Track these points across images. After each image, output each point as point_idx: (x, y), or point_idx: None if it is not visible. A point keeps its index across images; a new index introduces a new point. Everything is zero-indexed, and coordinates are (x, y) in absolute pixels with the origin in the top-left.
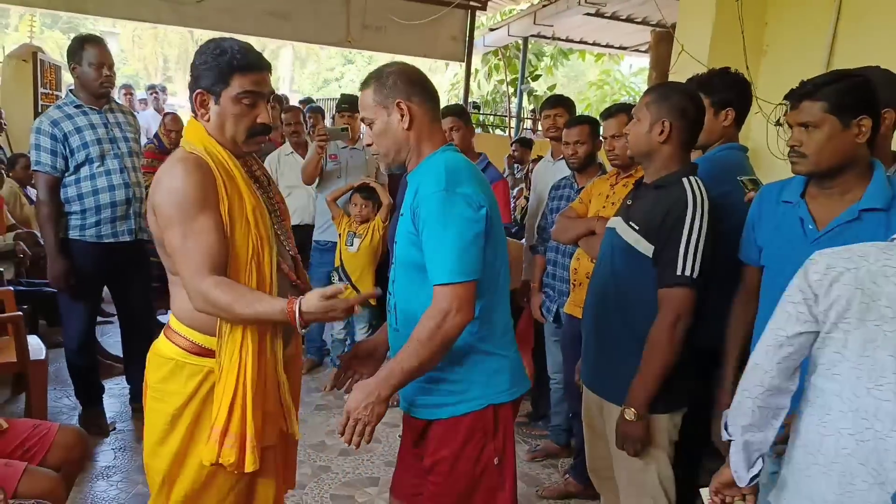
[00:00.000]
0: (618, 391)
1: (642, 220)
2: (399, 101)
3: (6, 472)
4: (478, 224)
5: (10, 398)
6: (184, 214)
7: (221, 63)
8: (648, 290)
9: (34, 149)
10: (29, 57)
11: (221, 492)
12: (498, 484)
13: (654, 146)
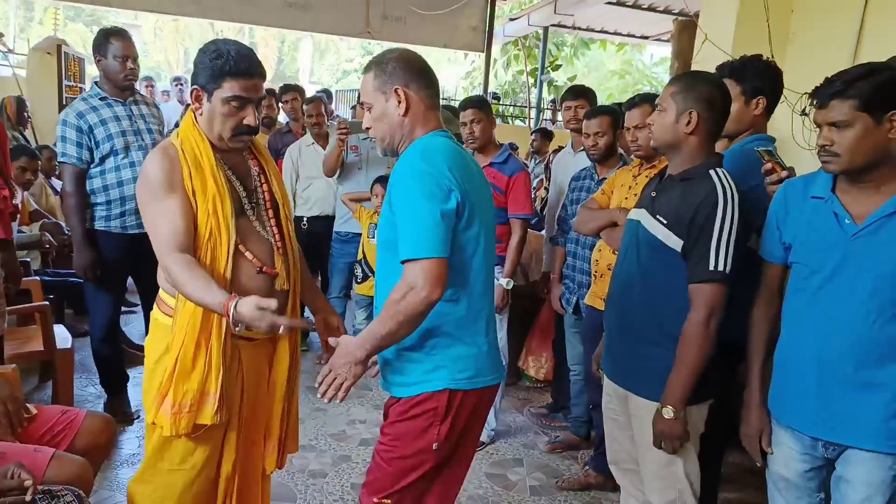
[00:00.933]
0: (643, 384)
1: (670, 214)
2: (397, 88)
3: (35, 458)
4: (446, 205)
5: (38, 386)
6: (152, 196)
7: (216, 66)
8: (675, 283)
9: (60, 140)
10: (53, 50)
11: (181, 453)
12: (424, 467)
13: (681, 137)
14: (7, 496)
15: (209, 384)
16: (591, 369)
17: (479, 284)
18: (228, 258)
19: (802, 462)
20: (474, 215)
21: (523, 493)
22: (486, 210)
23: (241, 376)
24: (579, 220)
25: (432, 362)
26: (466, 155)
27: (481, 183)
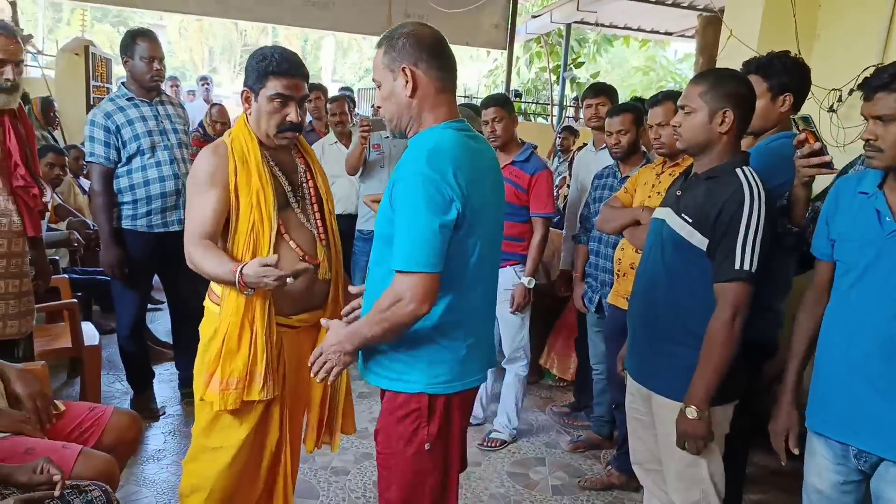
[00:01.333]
0: (667, 383)
1: (695, 212)
2: (404, 66)
3: (63, 454)
4: (445, 216)
5: (66, 382)
6: (195, 189)
7: (261, 67)
8: (700, 282)
9: (88, 140)
10: (81, 50)
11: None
12: (429, 469)
13: (715, 137)
14: (36, 490)
15: (255, 364)
16: (616, 369)
17: (468, 290)
18: (270, 248)
19: (836, 473)
20: (473, 224)
21: (545, 493)
22: (491, 212)
23: (283, 361)
24: (602, 219)
25: (409, 362)
26: (477, 148)
27: (490, 181)
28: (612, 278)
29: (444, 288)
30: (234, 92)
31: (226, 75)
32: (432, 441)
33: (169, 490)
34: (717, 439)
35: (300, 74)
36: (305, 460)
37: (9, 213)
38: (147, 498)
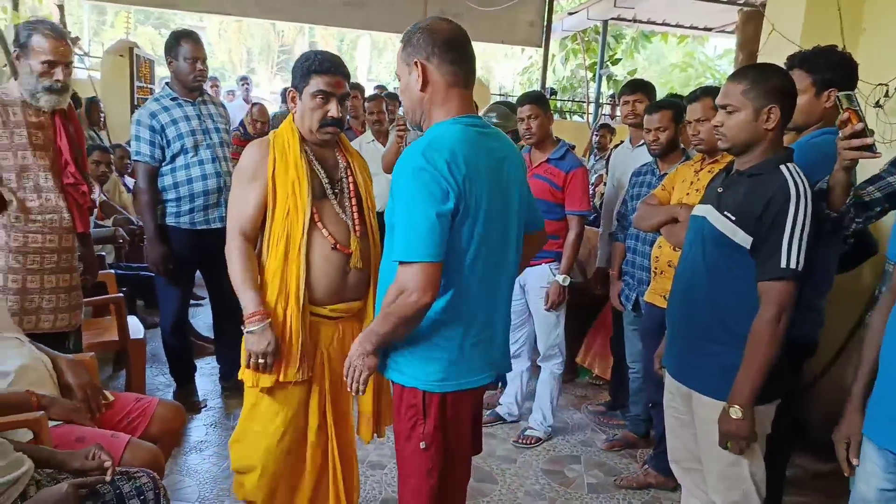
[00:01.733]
0: (708, 382)
1: (738, 210)
2: (417, 60)
3: (112, 443)
4: (443, 206)
5: (112, 375)
6: (238, 182)
7: (305, 66)
8: (742, 280)
9: (134, 140)
10: (126, 52)
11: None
12: (426, 469)
13: (761, 134)
14: (89, 476)
15: (291, 346)
16: (653, 367)
17: (466, 287)
18: (304, 234)
19: (884, 480)
20: (468, 218)
21: (581, 490)
22: (498, 208)
23: (320, 350)
24: (639, 216)
25: (407, 356)
26: (487, 143)
27: (498, 176)
28: (649, 276)
29: (457, 284)
30: (271, 92)
31: (263, 75)
32: (427, 440)
33: (211, 480)
34: (759, 439)
35: (340, 73)
36: None
37: (59, 209)
38: (190, 487)
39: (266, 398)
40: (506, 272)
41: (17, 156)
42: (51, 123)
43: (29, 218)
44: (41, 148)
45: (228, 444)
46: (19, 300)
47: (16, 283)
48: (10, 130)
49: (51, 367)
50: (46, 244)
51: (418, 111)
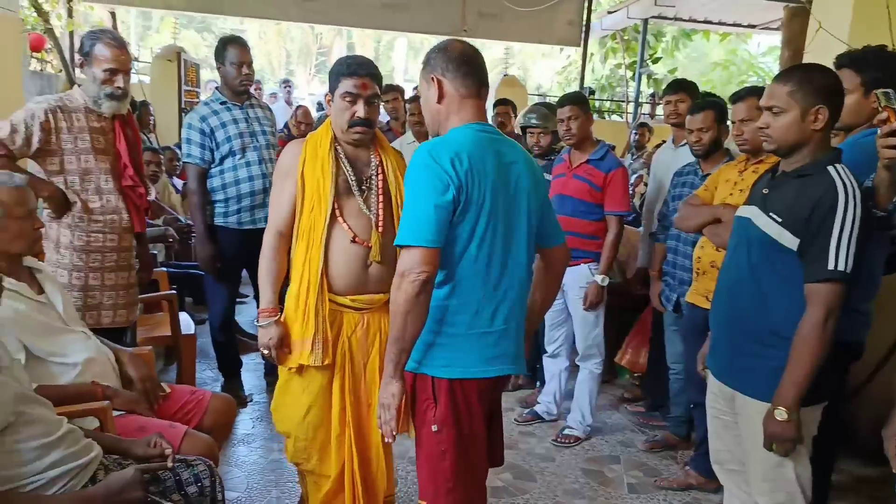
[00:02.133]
0: (753, 384)
1: (785, 211)
2: (433, 76)
3: (171, 433)
4: (442, 197)
5: (163, 368)
6: (275, 179)
7: (336, 70)
8: (788, 281)
9: (185, 142)
10: (174, 57)
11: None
12: (437, 452)
13: (808, 135)
14: (151, 462)
15: (306, 331)
16: (695, 368)
17: (471, 279)
18: (325, 226)
19: None
20: (472, 212)
21: (620, 490)
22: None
23: (342, 339)
24: (681, 217)
25: (420, 346)
26: (498, 148)
27: (507, 178)
28: (691, 277)
29: (441, 270)
30: (309, 93)
31: (302, 77)
32: (439, 424)
33: (258, 471)
34: (804, 441)
35: (366, 73)
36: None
37: (119, 210)
38: (239, 477)
39: (295, 377)
40: (514, 271)
41: (81, 159)
42: (111, 128)
43: (91, 218)
44: (102, 152)
45: (271, 408)
46: (82, 296)
47: (79, 280)
48: (74, 135)
49: (113, 360)
50: (107, 243)
51: (436, 121)
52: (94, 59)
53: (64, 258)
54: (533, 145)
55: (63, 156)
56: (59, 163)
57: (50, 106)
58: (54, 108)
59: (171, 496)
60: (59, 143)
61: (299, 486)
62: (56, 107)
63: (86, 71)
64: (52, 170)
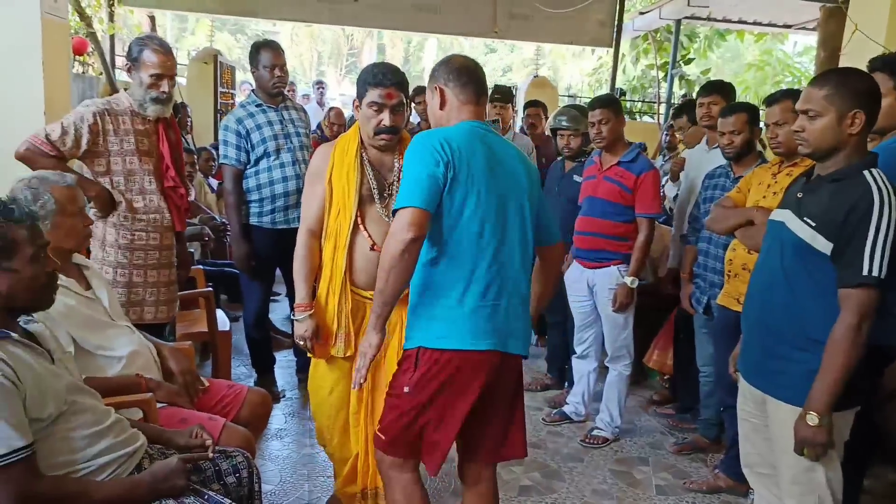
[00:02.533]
0: (784, 387)
1: (819, 216)
2: (436, 86)
3: (211, 425)
4: (433, 168)
5: (199, 364)
6: (308, 181)
7: (363, 78)
8: (821, 286)
9: (222, 144)
10: (210, 59)
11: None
12: (404, 407)
13: (844, 139)
14: (192, 452)
15: (333, 324)
16: (726, 370)
17: (462, 254)
18: (348, 232)
19: None
20: (466, 188)
21: (649, 491)
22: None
23: (364, 329)
24: (713, 219)
25: (412, 321)
26: (489, 139)
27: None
28: (722, 279)
29: (439, 246)
30: (339, 94)
31: (332, 78)
32: (411, 386)
33: (291, 465)
34: (836, 445)
35: (392, 83)
36: None
37: (161, 210)
38: (272, 471)
39: (321, 364)
40: (510, 252)
41: (126, 161)
42: (154, 130)
43: (135, 218)
44: (146, 153)
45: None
46: (126, 293)
47: (123, 276)
48: (120, 138)
49: (155, 354)
50: (150, 241)
51: (440, 126)
52: (142, 65)
53: (109, 256)
54: (563, 147)
55: (109, 157)
56: (106, 164)
57: (98, 109)
58: (102, 111)
59: (210, 485)
60: (106, 144)
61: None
62: (104, 110)
63: (133, 75)
64: (98, 171)
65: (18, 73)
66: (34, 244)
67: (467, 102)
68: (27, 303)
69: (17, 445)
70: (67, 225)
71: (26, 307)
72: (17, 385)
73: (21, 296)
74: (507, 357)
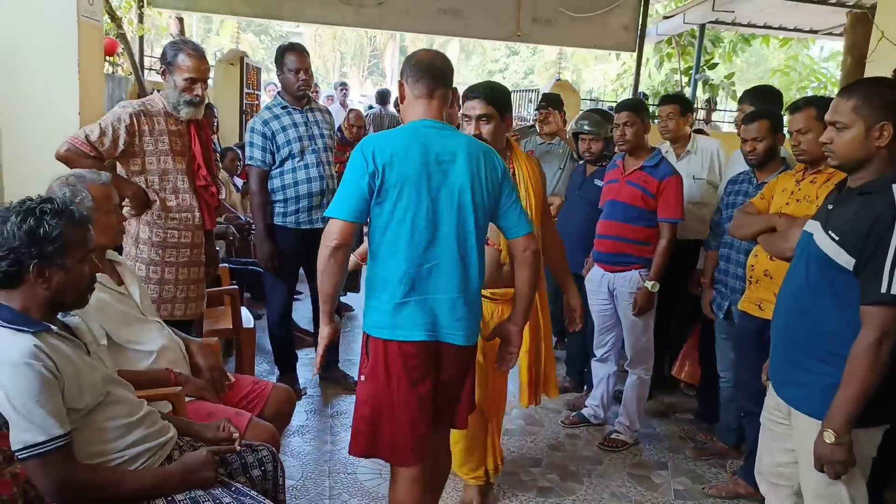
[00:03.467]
0: (807, 400)
1: (843, 230)
2: (400, 81)
3: (237, 419)
4: (361, 179)
5: (223, 360)
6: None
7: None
8: (845, 301)
9: (248, 145)
10: (236, 60)
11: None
12: (362, 398)
13: (872, 152)
14: (220, 445)
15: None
16: (746, 376)
17: (386, 258)
18: None
19: None
20: (395, 189)
21: (667, 496)
22: (430, 193)
23: (483, 321)
24: (735, 224)
25: (364, 310)
26: (435, 141)
27: (436, 166)
28: (743, 285)
29: (374, 242)
30: (361, 94)
31: (354, 79)
32: (366, 374)
33: (313, 461)
34: (861, 463)
35: (475, 96)
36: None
37: (193, 209)
38: (294, 466)
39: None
40: (442, 248)
41: (160, 161)
42: (187, 131)
43: (168, 216)
44: (179, 153)
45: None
46: (158, 289)
47: (156, 273)
48: (154, 138)
49: (184, 350)
50: (182, 240)
51: (403, 118)
52: (177, 68)
53: (142, 253)
54: (584, 151)
55: (145, 157)
56: (141, 163)
57: (134, 110)
58: (138, 112)
59: (237, 478)
60: (142, 145)
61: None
62: (139, 111)
63: (167, 79)
64: (133, 170)
65: (55, 74)
66: (86, 247)
67: (419, 97)
68: (70, 301)
69: (56, 433)
70: (103, 222)
71: (68, 305)
72: (57, 376)
73: (68, 294)
74: (449, 347)
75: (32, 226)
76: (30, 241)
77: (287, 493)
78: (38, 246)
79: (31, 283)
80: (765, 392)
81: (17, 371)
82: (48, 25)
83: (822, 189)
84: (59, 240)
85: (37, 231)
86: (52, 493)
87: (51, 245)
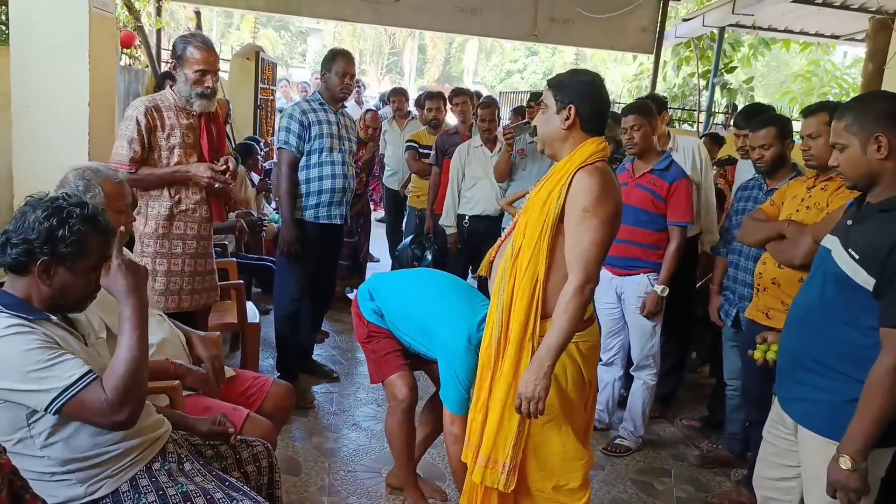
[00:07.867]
0: (812, 417)
1: (864, 249)
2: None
3: (234, 415)
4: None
5: (228, 354)
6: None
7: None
8: (860, 321)
9: (284, 130)
10: (252, 56)
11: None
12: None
13: (875, 166)
14: (215, 440)
15: None
16: (751, 385)
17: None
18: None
19: None
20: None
21: (669, 503)
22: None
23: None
24: (744, 231)
25: None
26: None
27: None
28: (752, 292)
29: None
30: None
31: (373, 76)
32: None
33: (312, 459)
34: (871, 483)
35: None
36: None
37: (201, 202)
38: (294, 463)
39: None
40: None
41: (173, 154)
42: (198, 124)
43: (177, 209)
44: (190, 147)
45: None
46: (165, 282)
47: (162, 265)
48: (167, 133)
49: (184, 342)
50: (187, 231)
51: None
52: (186, 62)
53: (148, 247)
54: None
55: (159, 151)
56: (155, 158)
57: (147, 107)
58: (150, 107)
59: (231, 472)
60: (156, 140)
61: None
62: (151, 106)
63: (178, 72)
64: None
65: (65, 66)
66: (102, 256)
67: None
68: (69, 303)
69: (87, 368)
70: (113, 219)
71: (66, 306)
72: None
73: (68, 295)
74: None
75: (54, 225)
76: (46, 237)
77: (286, 490)
78: (52, 245)
79: (35, 276)
80: (770, 402)
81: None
82: (59, 16)
83: (833, 196)
84: (75, 244)
85: (56, 231)
86: (110, 411)
87: (65, 247)
